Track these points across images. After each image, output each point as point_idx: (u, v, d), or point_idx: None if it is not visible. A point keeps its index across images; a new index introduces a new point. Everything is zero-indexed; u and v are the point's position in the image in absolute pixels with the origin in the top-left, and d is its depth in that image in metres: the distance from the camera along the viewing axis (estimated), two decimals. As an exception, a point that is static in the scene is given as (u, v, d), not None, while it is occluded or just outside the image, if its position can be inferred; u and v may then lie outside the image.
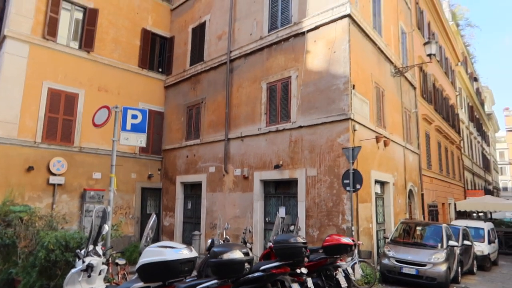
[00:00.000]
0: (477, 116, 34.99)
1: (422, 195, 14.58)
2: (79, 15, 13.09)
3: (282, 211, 9.80)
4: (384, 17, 12.17)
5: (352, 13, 9.42)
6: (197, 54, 14.01)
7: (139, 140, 5.82)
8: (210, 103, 13.05)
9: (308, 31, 10.12)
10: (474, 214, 21.78)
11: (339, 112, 9.10)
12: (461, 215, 20.11)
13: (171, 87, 14.93)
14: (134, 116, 5.77)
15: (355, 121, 9.11)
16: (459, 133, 24.02)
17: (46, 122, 11.73)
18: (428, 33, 18.31)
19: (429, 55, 11.96)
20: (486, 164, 38.88)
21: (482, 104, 39.28)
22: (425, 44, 12.29)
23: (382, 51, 11.47)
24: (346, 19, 9.37)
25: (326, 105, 9.44)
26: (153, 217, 4.54)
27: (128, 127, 5.74)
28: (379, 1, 11.87)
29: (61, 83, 12.25)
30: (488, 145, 42.49)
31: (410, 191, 13.51)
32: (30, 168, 11.11)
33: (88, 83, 12.87)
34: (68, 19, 12.80)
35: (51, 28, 12.13)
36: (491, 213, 21.01)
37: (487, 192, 31.99)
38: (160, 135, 14.84)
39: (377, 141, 10.38)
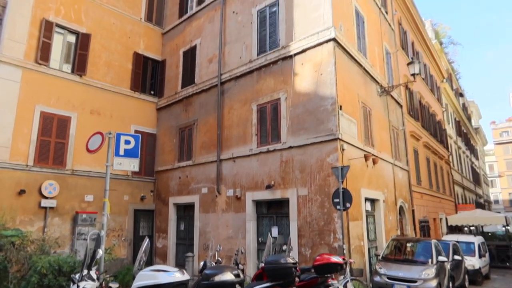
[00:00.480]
0: (465, 131, 35.69)
1: (413, 211, 14.79)
2: (72, 39, 13.33)
3: (274, 231, 9.91)
4: (368, 39, 12.63)
5: (337, 36, 9.81)
6: (188, 77, 14.30)
7: (132, 165, 5.97)
8: (202, 125, 13.25)
9: (295, 54, 10.48)
10: (466, 229, 21.99)
11: (328, 132, 9.36)
12: (452, 230, 20.30)
13: (163, 109, 15.15)
14: (127, 142, 5.94)
15: (343, 140, 9.36)
16: (447, 148, 24.49)
17: (39, 145, 11.80)
18: (412, 52, 18.91)
19: (413, 74, 12.40)
20: (476, 178, 39.41)
21: (469, 119, 40.11)
22: (408, 64, 12.74)
23: (367, 72, 11.87)
24: (331, 43, 9.75)
25: (315, 125, 9.70)
26: (146, 241, 4.65)
27: (121, 152, 5.89)
28: (363, 24, 12.34)
29: (54, 106, 12.38)
30: (477, 159, 43.17)
31: (401, 207, 13.71)
32: (21, 192, 11.11)
33: (80, 106, 13.02)
34: (61, 43, 13.02)
35: (43, 53, 12.33)
36: (482, 226, 21.24)
37: (478, 205, 32.34)
38: (153, 156, 14.95)
39: (366, 160, 10.62)
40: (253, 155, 11.10)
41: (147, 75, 15.52)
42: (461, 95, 36.07)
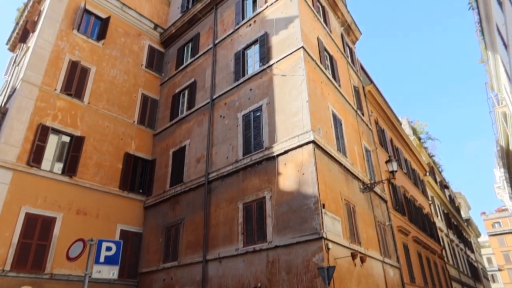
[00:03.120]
0: (455, 223, 35.61)
1: (409, 312, 14.06)
2: (66, 139, 13.84)
3: None
4: (347, 139, 13.49)
5: (316, 139, 10.52)
6: (177, 176, 14.67)
7: (112, 272, 5.88)
8: (188, 224, 13.20)
9: (278, 155, 11.08)
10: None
11: (312, 231, 9.42)
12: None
13: (151, 207, 15.17)
14: (109, 248, 5.95)
15: (328, 239, 9.38)
16: (439, 242, 24.20)
17: (19, 248, 11.44)
18: (392, 149, 19.94)
19: (392, 172, 12.97)
20: (475, 273, 38.06)
21: (458, 211, 40.32)
22: (386, 162, 13.42)
23: (348, 170, 12.41)
24: (311, 145, 10.41)
25: (300, 224, 9.81)
26: None
27: (102, 259, 5.85)
28: (340, 126, 13.30)
29: (40, 207, 12.35)
30: (473, 252, 42.22)
31: (396, 308, 13.07)
32: (-8, 301, 10.46)
33: (67, 207, 13.00)
34: (55, 144, 13.46)
35: (36, 156, 12.71)
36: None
37: (481, 303, 30.68)
38: (137, 257, 14.46)
39: (353, 258, 10.48)
40: (240, 255, 10.90)
41: (137, 174, 15.86)
42: (446, 187, 36.89)
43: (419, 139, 31.25)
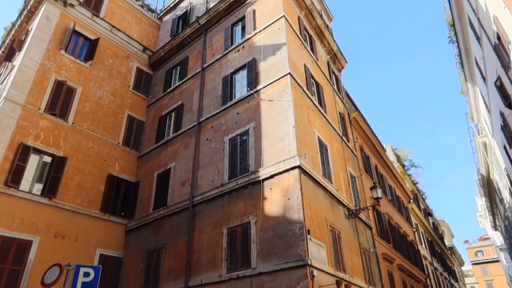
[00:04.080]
0: (439, 251, 35.70)
1: None
2: (47, 159, 13.49)
3: None
4: (332, 164, 13.56)
5: (302, 164, 10.54)
6: (161, 199, 14.39)
7: (88, 299, 5.61)
8: (171, 249, 12.84)
9: (264, 179, 11.02)
10: None
11: (297, 258, 9.28)
12: None
13: (133, 231, 14.75)
14: (87, 274, 5.70)
15: (313, 266, 9.23)
16: (423, 270, 24.12)
17: (-10, 273, 10.90)
18: (376, 175, 20.12)
19: (376, 198, 13.03)
20: (459, 302, 37.89)
21: (442, 238, 40.53)
22: (371, 188, 13.50)
23: (334, 196, 12.41)
24: (297, 170, 10.42)
25: (285, 250, 9.65)
26: None
27: (79, 286, 5.59)
28: (326, 152, 13.41)
29: (16, 230, 11.85)
30: (457, 281, 42.19)
31: None
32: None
33: (44, 230, 12.52)
34: (35, 165, 13.06)
35: (15, 176, 12.31)
36: None
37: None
38: (116, 284, 13.92)
39: (338, 286, 10.29)
40: (223, 281, 10.59)
41: (119, 197, 15.48)
42: (430, 214, 37.19)
43: (403, 166, 31.70)
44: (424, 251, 27.68)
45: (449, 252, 43.48)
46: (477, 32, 11.64)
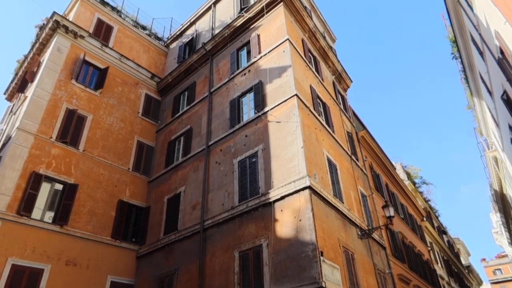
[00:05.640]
0: (456, 270, 34.70)
1: None
2: (59, 187, 13.64)
3: None
4: (342, 184, 13.48)
5: (312, 184, 10.50)
6: (171, 224, 14.34)
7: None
8: (183, 274, 12.70)
9: (275, 201, 10.97)
10: None
11: (311, 280, 9.11)
12: None
13: (144, 257, 14.65)
14: (100, 301, 5.66)
15: (327, 289, 9.05)
16: (440, 290, 23.41)
17: (2, 303, 10.86)
18: (387, 194, 19.89)
19: (389, 217, 12.84)
20: (480, 323, 36.47)
21: (458, 257, 39.47)
22: (383, 207, 13.32)
23: (346, 216, 12.27)
24: (307, 190, 10.37)
25: (298, 273, 9.49)
26: None
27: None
28: (336, 172, 13.35)
29: (28, 258, 11.86)
30: (476, 301, 40.74)
31: None
32: None
33: (56, 257, 12.50)
34: (47, 192, 13.22)
35: (27, 204, 12.41)
36: None
37: None
38: (127, 312, 13.74)
39: (354, 309, 10.06)
40: (236, 307, 10.41)
41: (130, 222, 15.48)
42: (444, 232, 36.37)
43: (414, 183, 31.31)
44: (440, 270, 26.93)
45: (467, 271, 42.22)
46: (480, 47, 11.73)
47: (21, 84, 16.57)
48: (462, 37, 14.08)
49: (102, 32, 18.37)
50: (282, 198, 10.85)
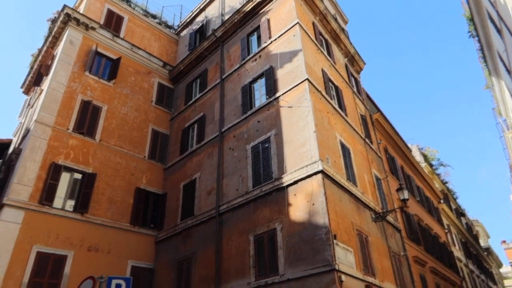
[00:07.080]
0: (474, 252, 34.39)
1: None
2: (78, 176, 14.05)
3: None
4: (356, 167, 13.45)
5: (324, 169, 10.53)
6: (188, 209, 14.66)
7: (121, 310, 5.83)
8: (200, 258, 13.03)
9: (288, 185, 11.07)
10: None
11: (325, 262, 9.24)
12: None
13: (162, 242, 15.07)
14: (118, 286, 5.92)
15: (340, 271, 9.15)
16: (458, 273, 23.32)
17: (30, 288, 11.39)
18: (403, 176, 19.73)
19: (403, 200, 12.79)
20: (499, 304, 36.25)
21: (476, 239, 39.04)
22: (397, 190, 13.27)
23: (359, 199, 12.29)
24: (320, 175, 10.42)
25: (312, 255, 9.63)
26: None
27: (111, 297, 5.82)
28: (349, 155, 13.32)
29: (52, 246, 12.34)
30: (495, 283, 40.42)
31: None
32: None
33: (79, 244, 12.98)
34: (67, 182, 13.64)
35: (49, 194, 12.85)
36: None
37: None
38: (148, 295, 14.21)
39: (368, 290, 10.18)
40: (252, 289, 10.66)
41: (148, 209, 15.87)
42: (462, 214, 35.93)
43: (431, 165, 30.88)
44: (458, 252, 26.76)
45: (486, 253, 41.78)
46: (497, 25, 11.38)
47: (36, 77, 16.95)
48: (479, 15, 13.64)
49: (113, 22, 18.51)
50: (295, 182, 10.93)
